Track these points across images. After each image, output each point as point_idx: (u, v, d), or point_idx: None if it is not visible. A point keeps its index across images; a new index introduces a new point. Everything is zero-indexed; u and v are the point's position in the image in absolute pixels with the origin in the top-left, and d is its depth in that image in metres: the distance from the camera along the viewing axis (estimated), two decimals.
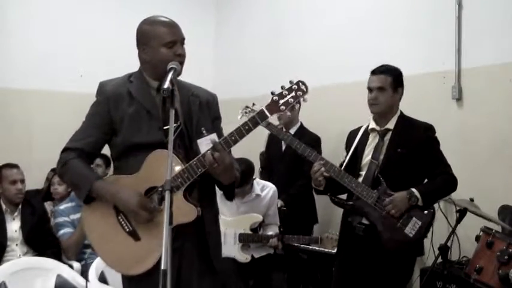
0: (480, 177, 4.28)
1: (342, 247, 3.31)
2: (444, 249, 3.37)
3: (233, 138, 2.19)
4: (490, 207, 3.76)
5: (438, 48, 4.58)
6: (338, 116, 5.01)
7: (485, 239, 3.05)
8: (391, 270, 3.10)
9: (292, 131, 4.78)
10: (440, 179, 3.17)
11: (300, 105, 4.83)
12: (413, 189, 3.06)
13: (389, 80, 3.20)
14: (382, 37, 4.96)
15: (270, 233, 4.14)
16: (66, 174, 2.36)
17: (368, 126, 3.30)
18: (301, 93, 2.21)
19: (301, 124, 4.86)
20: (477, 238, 3.15)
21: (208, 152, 2.18)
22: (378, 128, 3.22)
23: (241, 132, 2.20)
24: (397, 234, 3.04)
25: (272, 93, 2.22)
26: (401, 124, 3.21)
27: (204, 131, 2.29)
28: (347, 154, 3.27)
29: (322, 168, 3.03)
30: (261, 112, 2.20)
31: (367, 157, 3.18)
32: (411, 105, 4.72)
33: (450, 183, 3.20)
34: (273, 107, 2.20)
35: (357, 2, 5.29)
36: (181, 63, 2.29)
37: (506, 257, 2.92)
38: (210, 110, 2.44)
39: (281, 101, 2.20)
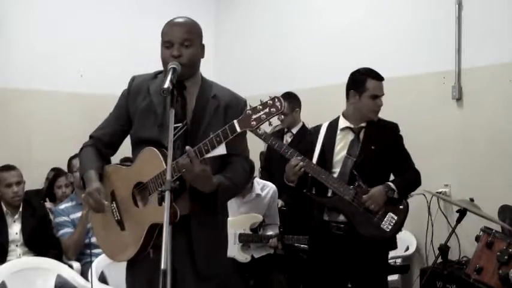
0: (480, 177, 4.28)
1: (316, 247, 3.27)
2: (444, 249, 3.37)
3: (205, 148, 2.14)
4: (490, 207, 3.77)
5: (438, 48, 4.58)
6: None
7: (485, 239, 3.05)
8: (368, 267, 3.14)
9: (294, 130, 4.79)
10: (410, 174, 3.27)
11: (299, 108, 4.83)
12: (389, 183, 3.15)
13: None
14: (383, 37, 4.97)
15: (270, 233, 4.14)
16: (78, 158, 2.56)
17: (331, 124, 3.29)
18: (274, 111, 2.08)
19: (303, 124, 4.86)
20: (477, 238, 3.15)
21: (182, 157, 2.16)
22: (352, 125, 3.22)
23: (213, 142, 2.14)
24: (375, 230, 3.09)
25: (250, 106, 2.15)
26: (372, 122, 3.24)
27: (211, 135, 2.23)
28: (311, 152, 3.21)
29: (301, 163, 3.04)
30: (231, 125, 2.12)
31: (339, 154, 3.19)
32: (411, 105, 4.76)
33: (418, 177, 3.29)
34: (244, 121, 2.11)
35: (357, 2, 5.29)
36: (182, 64, 2.26)
37: (506, 257, 2.92)
38: (227, 114, 2.36)
39: (253, 116, 2.10)
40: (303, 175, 3.10)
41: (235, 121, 2.12)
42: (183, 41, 2.30)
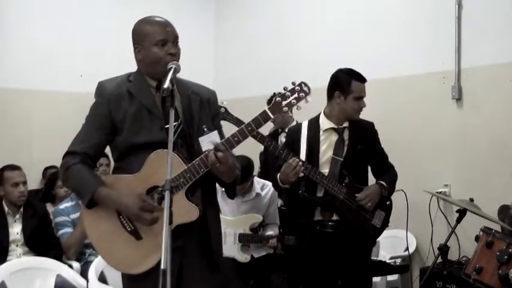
0: (480, 177, 4.28)
1: (306, 246, 3.24)
2: (444, 249, 3.38)
3: (236, 139, 2.22)
4: (489, 207, 3.77)
5: (438, 48, 4.58)
6: None
7: (485, 239, 3.05)
8: (356, 263, 3.19)
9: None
10: (392, 172, 3.39)
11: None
12: (382, 182, 3.26)
13: None
14: (382, 37, 4.97)
15: (270, 232, 4.14)
16: (69, 180, 2.34)
17: (312, 123, 3.29)
18: (303, 95, 2.23)
19: (297, 123, 4.83)
20: (477, 238, 3.15)
21: (211, 152, 2.20)
22: (335, 126, 3.24)
23: (244, 133, 2.22)
24: (367, 226, 3.21)
25: (275, 93, 2.25)
26: (353, 122, 3.27)
27: (205, 129, 2.30)
28: (296, 152, 3.17)
29: (300, 163, 3.05)
30: (264, 113, 2.22)
31: (325, 155, 3.21)
32: (411, 105, 4.76)
33: (396, 174, 3.40)
34: (275, 108, 2.22)
35: (357, 3, 5.29)
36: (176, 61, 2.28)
37: (506, 257, 2.91)
38: (211, 108, 2.44)
39: (284, 102, 2.22)
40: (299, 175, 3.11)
41: (266, 109, 2.23)
42: (175, 38, 2.33)
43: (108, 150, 2.46)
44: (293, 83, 2.25)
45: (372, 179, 3.39)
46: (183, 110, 2.35)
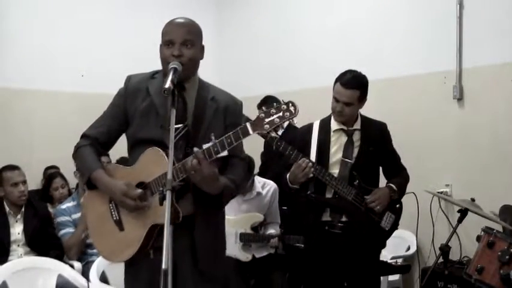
0: (481, 177, 4.29)
1: (314, 247, 3.25)
2: (445, 249, 3.38)
3: (215, 149, 2.17)
4: (491, 207, 3.77)
5: (439, 48, 4.58)
6: None
7: (487, 239, 3.06)
8: (363, 266, 3.18)
9: (279, 133, 4.69)
10: (404, 174, 3.38)
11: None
12: (392, 185, 3.24)
13: (357, 95, 3.15)
14: (383, 37, 4.97)
15: (270, 231, 4.14)
16: (76, 160, 2.48)
17: (324, 123, 3.29)
18: (288, 115, 2.13)
19: (289, 124, 4.80)
20: (478, 238, 3.16)
21: (190, 157, 2.17)
22: (345, 127, 3.23)
23: (223, 144, 2.17)
24: (375, 228, 3.19)
25: (262, 109, 2.18)
26: (365, 124, 3.26)
27: (212, 137, 2.24)
28: (306, 153, 3.17)
29: (310, 164, 3.05)
30: (244, 127, 2.16)
31: (335, 156, 3.20)
32: (412, 105, 4.77)
33: (408, 177, 3.38)
34: (257, 124, 2.14)
35: (358, 3, 5.29)
36: (183, 64, 2.27)
37: (507, 257, 2.92)
38: (227, 117, 2.41)
39: (266, 120, 2.14)
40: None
41: (247, 124, 2.16)
42: (185, 41, 2.32)
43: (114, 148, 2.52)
44: (282, 101, 2.17)
45: (382, 180, 3.37)
46: (194, 114, 2.35)
